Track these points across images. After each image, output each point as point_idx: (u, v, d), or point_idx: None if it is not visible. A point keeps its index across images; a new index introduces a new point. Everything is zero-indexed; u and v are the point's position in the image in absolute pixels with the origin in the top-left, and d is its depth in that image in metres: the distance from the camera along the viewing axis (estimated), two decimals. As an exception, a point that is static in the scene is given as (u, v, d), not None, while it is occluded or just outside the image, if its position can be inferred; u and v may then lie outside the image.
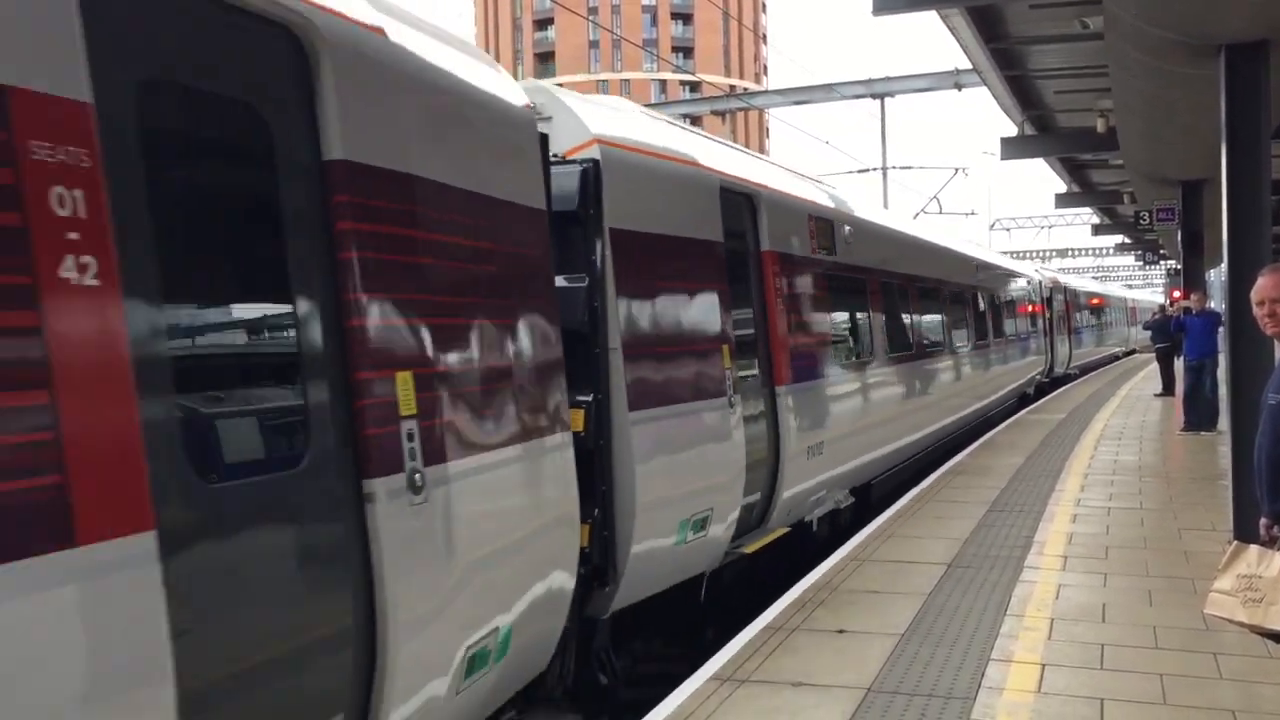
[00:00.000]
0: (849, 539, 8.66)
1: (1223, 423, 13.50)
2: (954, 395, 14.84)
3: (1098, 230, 44.93)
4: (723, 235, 7.35)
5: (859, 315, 10.72)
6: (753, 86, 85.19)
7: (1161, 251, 36.75)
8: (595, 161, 5.97)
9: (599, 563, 5.79)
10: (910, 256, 13.33)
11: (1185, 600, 6.49)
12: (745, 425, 7.31)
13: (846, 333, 10.41)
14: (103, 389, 2.63)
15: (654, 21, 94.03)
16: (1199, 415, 15.12)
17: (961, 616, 6.31)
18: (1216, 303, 20.23)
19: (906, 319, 12.60)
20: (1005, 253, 36.09)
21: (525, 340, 4.69)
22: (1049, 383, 26.03)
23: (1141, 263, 57.31)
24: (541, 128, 5.32)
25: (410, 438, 3.71)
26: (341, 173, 3.56)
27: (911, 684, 5.22)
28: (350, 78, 3.63)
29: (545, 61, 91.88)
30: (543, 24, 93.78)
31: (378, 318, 3.65)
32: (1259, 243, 8.32)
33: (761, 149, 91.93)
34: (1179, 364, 18.01)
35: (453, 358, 4.10)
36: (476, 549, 4.09)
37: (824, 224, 9.72)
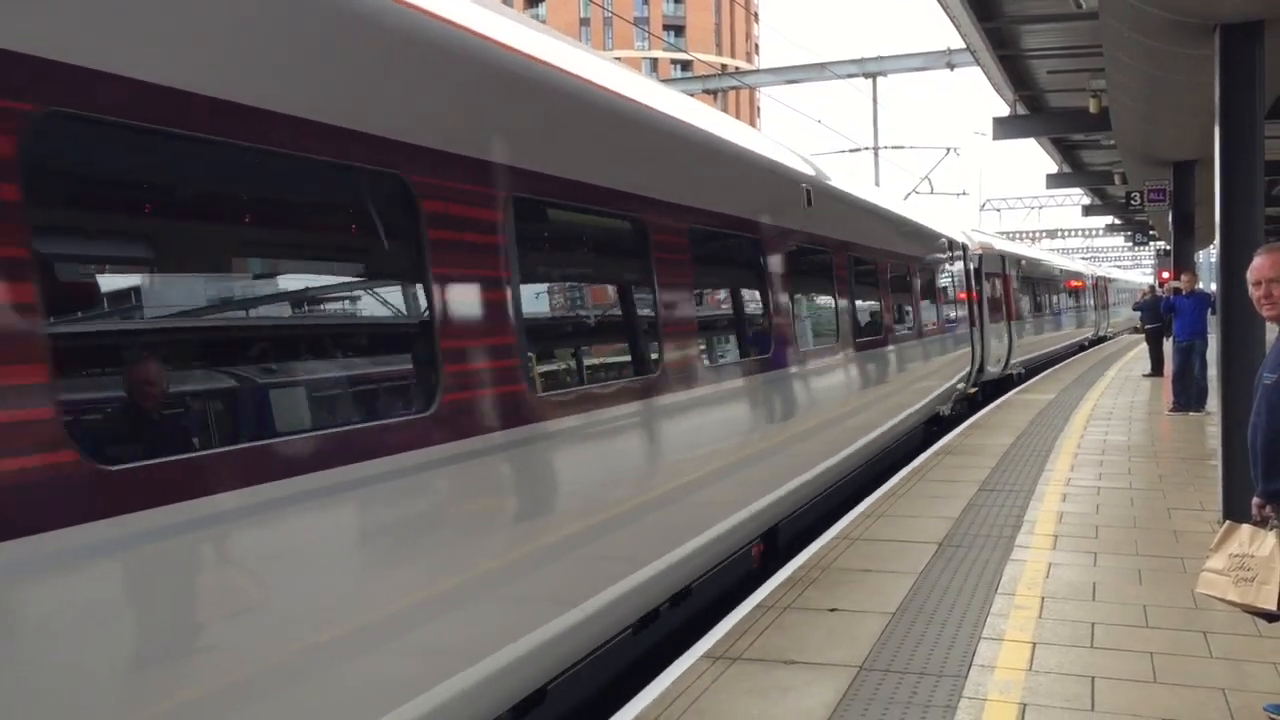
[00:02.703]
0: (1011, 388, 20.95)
1: (1212, 403, 13.57)
2: (1058, 335, 30.57)
3: (1088, 211, 44.96)
4: (1001, 271, 21.38)
5: (1030, 297, 25.65)
6: (744, 65, 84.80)
7: (1151, 232, 36.81)
8: (981, 255, 19.25)
9: (978, 366, 18.28)
10: (1046, 266, 30.00)
11: (1175, 579, 6.51)
12: (991, 333, 19.31)
13: (1028, 303, 25.17)
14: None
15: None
16: (1188, 395, 15.17)
17: (953, 595, 6.33)
18: (1206, 284, 20.32)
19: (1048, 297, 29.03)
20: (1002, 234, 40.15)
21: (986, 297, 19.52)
22: (1096, 341, 40.16)
23: (1131, 244, 57.45)
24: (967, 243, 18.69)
25: (978, 318, 18.44)
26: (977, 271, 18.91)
27: (903, 662, 5.23)
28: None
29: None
30: (534, 1, 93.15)
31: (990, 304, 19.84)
32: (1252, 223, 8.30)
33: (752, 127, 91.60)
34: (1168, 344, 18.07)
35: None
36: (989, 344, 19.34)
37: (1020, 261, 24.45)
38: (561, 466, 4.81)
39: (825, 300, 9.65)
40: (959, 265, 17.23)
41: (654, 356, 5.84)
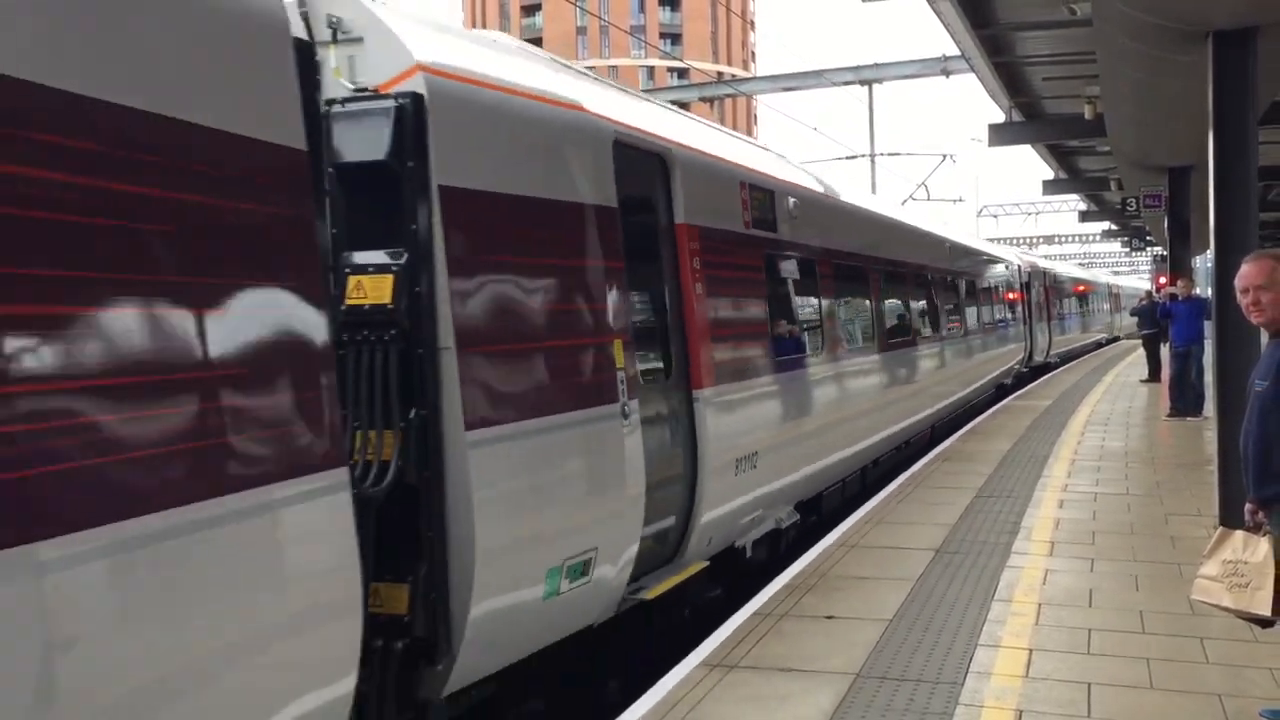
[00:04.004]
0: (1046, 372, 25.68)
1: (1208, 408, 13.59)
2: (1083, 333, 37.11)
3: (1084, 217, 44.99)
4: (1043, 283, 27.09)
5: (1062, 303, 32.30)
6: (741, 73, 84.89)
7: (1148, 238, 36.90)
8: (1030, 271, 25.41)
9: (1028, 352, 24.34)
10: (1074, 278, 37.04)
11: (1172, 585, 6.52)
12: (1038, 329, 25.29)
13: (1061, 308, 31.41)
14: None
15: (642, 7, 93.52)
16: (1185, 401, 15.18)
17: (949, 602, 6.33)
18: (1202, 289, 20.34)
19: (1075, 303, 35.98)
20: (993, 239, 40.70)
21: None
22: (1111, 340, 45.96)
23: (1128, 249, 57.55)
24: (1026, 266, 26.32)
25: (1028, 318, 24.39)
26: None
27: (900, 669, 5.24)
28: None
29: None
30: (530, 10, 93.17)
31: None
32: (1245, 229, 8.33)
33: (749, 135, 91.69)
34: (1165, 350, 18.09)
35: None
36: (1036, 337, 25.61)
37: (1055, 275, 31.29)
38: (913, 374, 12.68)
39: (964, 306, 16.93)
40: (1015, 280, 23.30)
41: (918, 328, 13.25)
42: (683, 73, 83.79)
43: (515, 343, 4.88)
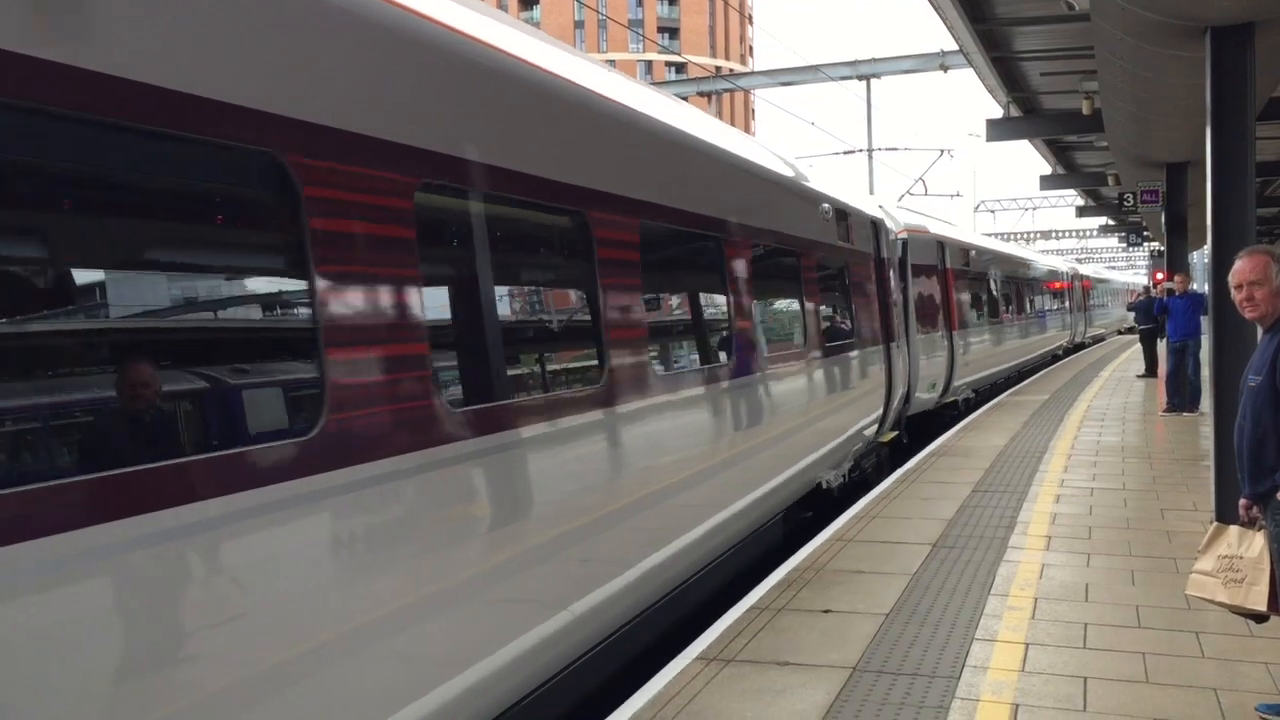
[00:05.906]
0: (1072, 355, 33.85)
1: (1205, 404, 13.62)
2: (1108, 322, 48.91)
3: (1082, 212, 44.97)
4: (1083, 284, 40.56)
5: (1095, 298, 45.24)
6: (739, 68, 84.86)
7: (1145, 233, 36.90)
8: (1074, 275, 37.75)
9: (1073, 334, 38.10)
10: (1103, 280, 52.69)
11: (1168, 580, 6.54)
12: (1078, 318, 37.39)
13: (1094, 302, 44.34)
14: None
15: (639, 2, 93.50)
16: (1181, 396, 15.21)
17: (946, 596, 6.35)
18: (1199, 284, 20.36)
19: (1103, 299, 49.50)
20: (989, 234, 42.15)
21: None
22: (1129, 330, 49.28)
23: (1125, 245, 57.56)
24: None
25: (1073, 310, 36.14)
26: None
27: (896, 663, 5.25)
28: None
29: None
30: (528, 3, 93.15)
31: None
32: (1243, 225, 8.33)
33: (747, 130, 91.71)
34: (1162, 345, 18.13)
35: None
36: (1078, 324, 37.65)
37: (1090, 277, 44.79)
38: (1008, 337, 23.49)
39: (1044, 299, 28.98)
40: (1065, 281, 33.31)
41: (1021, 310, 25.29)
42: (680, 67, 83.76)
43: (924, 310, 14.70)
